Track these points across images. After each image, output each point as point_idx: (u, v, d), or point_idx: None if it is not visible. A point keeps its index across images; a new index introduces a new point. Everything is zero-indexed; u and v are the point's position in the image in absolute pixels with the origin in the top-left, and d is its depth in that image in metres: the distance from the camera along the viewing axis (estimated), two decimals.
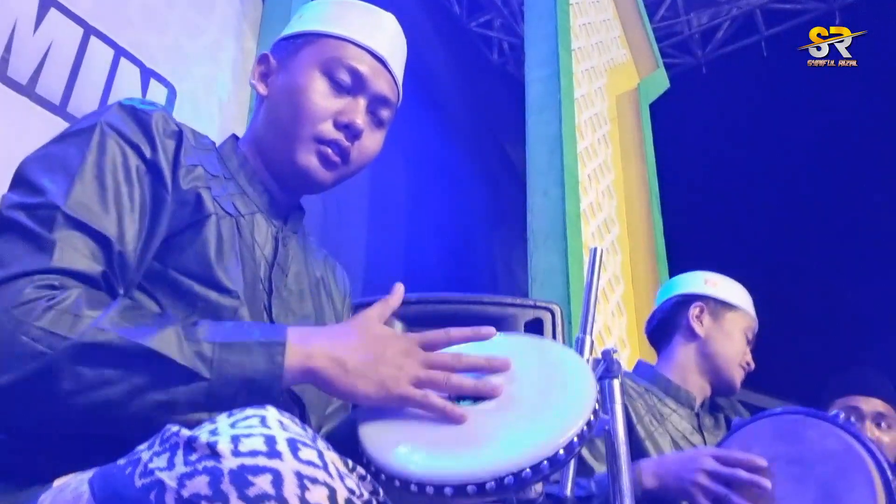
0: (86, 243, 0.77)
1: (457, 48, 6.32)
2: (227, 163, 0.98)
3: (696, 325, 1.74)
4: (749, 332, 1.76)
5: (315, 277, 1.06)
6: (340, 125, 0.96)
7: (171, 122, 0.90)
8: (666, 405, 1.67)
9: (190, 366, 0.70)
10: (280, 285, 0.96)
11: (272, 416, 0.59)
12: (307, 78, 0.97)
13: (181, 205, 0.86)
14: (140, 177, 0.84)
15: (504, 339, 0.89)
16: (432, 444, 0.74)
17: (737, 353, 1.72)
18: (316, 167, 0.97)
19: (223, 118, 2.89)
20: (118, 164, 0.82)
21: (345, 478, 0.57)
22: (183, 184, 0.87)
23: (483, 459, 0.69)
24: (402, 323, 1.66)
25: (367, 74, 0.99)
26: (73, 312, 0.70)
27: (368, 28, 1.02)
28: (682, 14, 7.06)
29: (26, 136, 2.05)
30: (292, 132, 0.96)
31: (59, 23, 2.27)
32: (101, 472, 0.60)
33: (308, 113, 0.96)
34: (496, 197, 6.15)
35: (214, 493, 0.52)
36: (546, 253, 3.63)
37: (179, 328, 0.72)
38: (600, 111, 5.00)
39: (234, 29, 3.07)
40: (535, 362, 0.87)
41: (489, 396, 0.78)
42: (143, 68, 2.56)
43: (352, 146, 0.98)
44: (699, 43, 7.19)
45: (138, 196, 0.83)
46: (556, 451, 0.69)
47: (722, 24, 7.08)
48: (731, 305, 1.76)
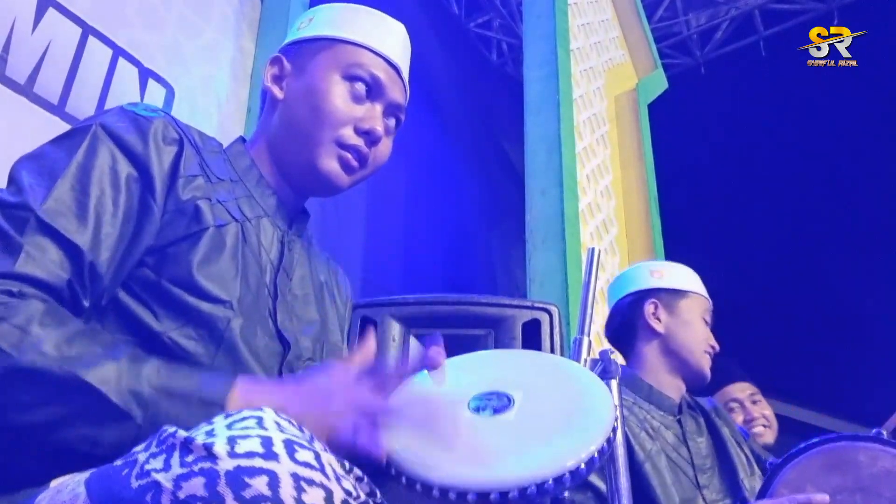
0: (55, 250, 0.76)
1: (455, 48, 6.32)
2: (234, 165, 0.98)
3: (655, 322, 1.73)
4: (706, 314, 1.75)
5: (319, 281, 1.06)
6: (361, 131, 0.97)
7: (172, 129, 0.89)
8: (654, 417, 1.64)
9: (123, 406, 0.69)
10: (285, 290, 0.96)
11: (269, 417, 0.59)
12: (328, 82, 0.98)
13: (178, 215, 0.86)
14: (129, 184, 0.83)
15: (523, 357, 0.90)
16: (454, 450, 0.74)
17: (699, 341, 1.70)
18: (338, 172, 0.98)
19: (222, 117, 2.89)
20: (106, 170, 0.82)
21: (341, 479, 0.57)
22: (182, 194, 0.87)
23: (507, 469, 0.70)
24: (401, 324, 1.66)
25: (385, 81, 1.00)
26: (22, 328, 0.69)
27: (382, 35, 1.03)
28: (680, 14, 7.07)
29: (24, 135, 2.05)
30: (314, 136, 0.97)
31: (57, 22, 2.27)
32: (98, 473, 0.60)
33: (330, 117, 0.96)
34: (494, 197, 6.15)
35: (211, 494, 0.52)
36: (544, 253, 3.63)
37: (125, 363, 0.71)
38: (599, 112, 5.00)
39: (233, 28, 3.07)
40: (554, 379, 0.88)
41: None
42: (142, 68, 2.56)
43: (370, 152, 0.99)
44: (698, 43, 7.20)
45: (123, 203, 0.82)
46: (578, 465, 0.70)
47: (720, 25, 7.08)
48: (683, 292, 1.74)
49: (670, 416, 1.67)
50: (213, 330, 0.83)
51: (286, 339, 0.91)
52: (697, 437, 1.68)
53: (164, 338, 0.81)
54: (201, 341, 0.83)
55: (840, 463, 1.25)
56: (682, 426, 1.67)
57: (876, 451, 1.23)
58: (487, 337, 1.64)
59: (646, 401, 1.67)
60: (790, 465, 1.31)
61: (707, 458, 1.65)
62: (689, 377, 1.71)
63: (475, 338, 1.64)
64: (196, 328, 0.82)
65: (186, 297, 0.83)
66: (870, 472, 1.21)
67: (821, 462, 1.27)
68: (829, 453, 1.28)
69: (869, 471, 1.21)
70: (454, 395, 0.83)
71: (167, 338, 0.81)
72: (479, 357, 0.93)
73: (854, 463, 1.24)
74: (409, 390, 0.88)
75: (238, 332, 0.86)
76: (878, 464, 1.21)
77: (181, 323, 0.82)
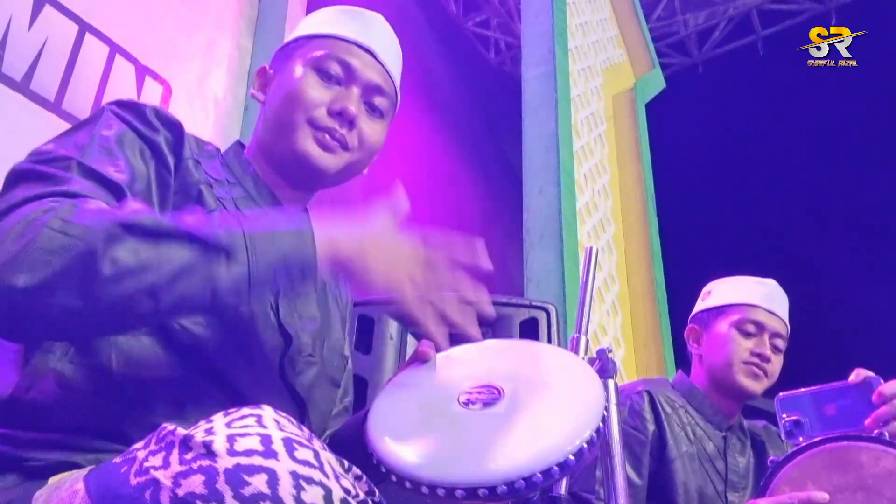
0: (100, 190, 0.77)
1: (453, 47, 6.32)
2: (232, 169, 0.99)
3: (693, 346, 1.74)
4: (743, 323, 1.63)
5: (322, 280, 1.06)
6: (333, 112, 0.98)
7: (167, 114, 0.91)
8: (698, 425, 1.64)
9: (228, 246, 0.69)
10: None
11: (268, 415, 0.59)
12: (299, 74, 1.00)
13: (183, 195, 0.87)
14: (145, 159, 0.85)
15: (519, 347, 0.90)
16: (443, 446, 0.75)
17: (731, 353, 1.61)
18: (317, 153, 0.98)
19: (218, 115, 2.88)
20: (127, 143, 0.84)
21: (340, 478, 0.57)
22: (186, 175, 0.88)
23: (495, 463, 0.70)
24: (398, 322, 1.66)
25: (356, 65, 1.01)
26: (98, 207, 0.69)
27: (356, 25, 1.05)
28: (678, 14, 7.08)
29: (20, 133, 2.04)
30: (289, 122, 0.98)
31: (53, 20, 2.26)
32: (97, 471, 0.60)
33: (302, 101, 0.98)
34: (492, 195, 6.15)
35: (210, 492, 0.52)
36: (541, 252, 3.63)
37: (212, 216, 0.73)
38: (596, 110, 5.00)
39: (230, 26, 3.06)
40: (542, 368, 0.88)
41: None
42: (138, 65, 2.55)
43: (348, 133, 0.99)
44: (695, 43, 7.21)
45: (145, 174, 0.84)
46: (566, 457, 0.70)
47: (718, 25, 7.10)
48: (719, 309, 1.69)
49: (717, 430, 1.66)
50: (221, 316, 0.83)
51: (288, 334, 0.92)
52: (739, 456, 1.66)
53: (172, 324, 0.81)
54: (209, 328, 0.83)
55: (842, 462, 1.25)
56: (727, 442, 1.66)
57: (878, 452, 1.23)
58: (485, 335, 1.64)
59: (696, 410, 1.66)
60: (792, 462, 1.31)
61: (744, 478, 1.64)
62: (732, 393, 1.65)
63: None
64: (205, 315, 0.82)
65: None
66: (872, 472, 1.21)
67: (823, 461, 1.27)
68: (831, 452, 1.27)
69: (871, 471, 1.22)
70: (444, 391, 0.84)
71: (176, 323, 0.81)
72: (476, 348, 0.93)
73: (856, 463, 1.23)
74: (402, 383, 0.88)
75: (246, 321, 0.86)
76: (880, 464, 1.21)
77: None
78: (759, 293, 1.67)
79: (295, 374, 0.92)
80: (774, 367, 1.64)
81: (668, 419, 1.59)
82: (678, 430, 1.59)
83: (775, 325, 1.64)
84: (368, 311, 1.64)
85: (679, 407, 1.64)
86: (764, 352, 1.61)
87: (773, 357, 1.63)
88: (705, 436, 1.63)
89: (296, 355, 0.92)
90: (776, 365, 1.65)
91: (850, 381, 1.38)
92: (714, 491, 1.58)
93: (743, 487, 1.63)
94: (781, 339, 1.65)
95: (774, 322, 1.64)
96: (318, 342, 0.98)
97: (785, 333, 1.66)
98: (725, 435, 1.67)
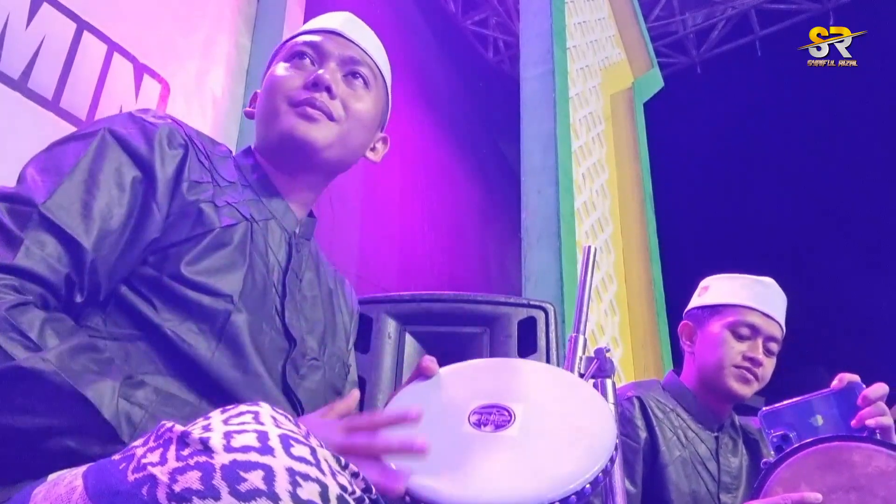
0: (55, 245, 0.78)
1: (452, 46, 6.32)
2: (242, 170, 1.02)
3: (686, 344, 1.73)
4: (738, 326, 1.60)
5: (328, 288, 1.09)
6: (308, 84, 1.01)
7: (178, 135, 0.92)
8: (690, 427, 1.63)
9: (114, 424, 0.70)
10: (294, 289, 0.98)
11: (266, 412, 0.59)
12: (275, 71, 1.05)
13: (181, 217, 0.88)
14: (133, 186, 0.85)
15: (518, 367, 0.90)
16: (460, 470, 0.74)
17: (723, 356, 1.59)
18: (299, 125, 0.99)
19: (216, 113, 2.88)
20: (111, 171, 0.84)
21: (337, 475, 0.57)
22: (186, 197, 0.89)
23: (514, 490, 0.70)
24: (397, 321, 1.66)
25: (326, 45, 1.05)
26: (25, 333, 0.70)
27: (324, 20, 1.10)
28: (676, 14, 7.08)
29: (18, 131, 2.04)
30: (271, 110, 1.02)
31: (51, 18, 2.26)
32: (95, 467, 0.60)
33: (280, 88, 1.02)
34: (490, 195, 6.15)
35: (206, 488, 0.52)
36: (540, 251, 3.63)
37: (118, 385, 0.72)
38: (595, 110, 5.00)
39: (229, 24, 3.06)
40: (552, 391, 0.87)
41: (419, 452, 0.73)
42: (137, 63, 2.55)
43: (330, 102, 1.01)
44: (694, 42, 7.22)
45: (127, 203, 0.84)
46: (583, 486, 0.71)
47: (717, 24, 7.10)
48: (715, 307, 1.66)
49: (708, 431, 1.66)
50: (213, 324, 0.84)
51: (293, 336, 0.92)
52: (731, 457, 1.66)
53: (165, 330, 0.82)
54: (202, 335, 0.84)
55: (835, 462, 1.25)
56: (718, 443, 1.65)
57: (870, 451, 1.23)
58: (483, 334, 1.64)
59: (687, 411, 1.66)
60: (785, 464, 1.30)
61: (737, 478, 1.64)
62: (722, 394, 1.63)
63: (471, 335, 1.64)
64: (197, 322, 0.84)
65: (187, 292, 0.84)
66: (864, 471, 1.21)
67: (815, 461, 1.27)
68: (823, 453, 1.27)
69: (863, 470, 1.22)
70: (453, 409, 0.82)
71: (169, 330, 0.82)
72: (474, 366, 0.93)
73: (849, 462, 1.24)
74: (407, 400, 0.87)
75: (242, 327, 0.87)
76: (872, 463, 1.21)
77: (183, 317, 0.83)
78: (756, 294, 1.64)
79: (298, 379, 0.92)
80: (766, 370, 1.62)
81: (659, 424, 1.59)
82: (670, 435, 1.59)
83: (771, 330, 1.61)
84: (367, 309, 1.64)
85: (670, 410, 1.64)
86: (756, 356, 1.58)
87: (765, 361, 1.61)
88: (697, 438, 1.63)
89: (299, 358, 0.93)
90: (768, 368, 1.63)
91: (832, 388, 1.39)
92: (707, 492, 1.58)
93: (735, 488, 1.63)
94: (776, 343, 1.63)
95: (770, 326, 1.61)
96: (322, 347, 0.99)
97: (780, 336, 1.63)
98: (717, 435, 1.66)
